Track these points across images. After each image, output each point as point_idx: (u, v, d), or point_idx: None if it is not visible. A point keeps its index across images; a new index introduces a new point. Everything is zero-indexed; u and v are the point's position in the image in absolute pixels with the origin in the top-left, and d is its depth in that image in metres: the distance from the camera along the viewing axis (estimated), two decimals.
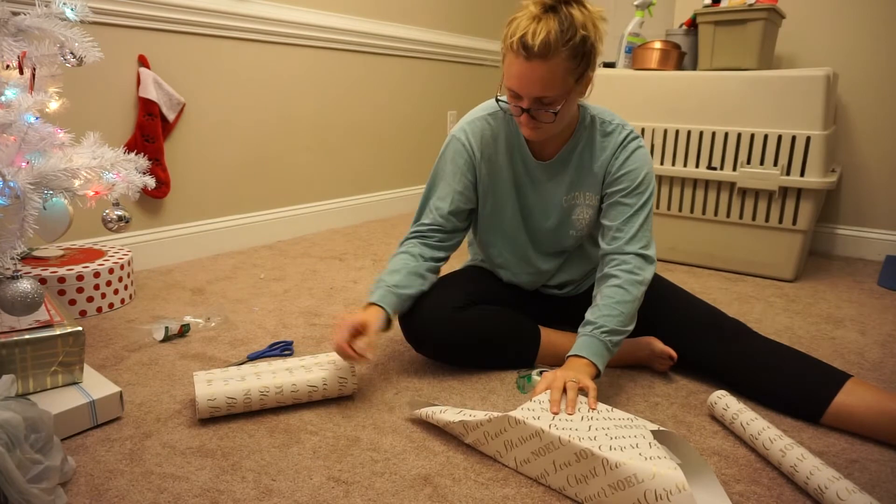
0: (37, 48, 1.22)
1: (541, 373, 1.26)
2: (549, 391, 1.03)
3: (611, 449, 0.87)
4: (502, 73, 1.15)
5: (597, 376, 1.11)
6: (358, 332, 1.14)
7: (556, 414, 0.98)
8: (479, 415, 1.03)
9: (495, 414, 1.00)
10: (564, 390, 1.03)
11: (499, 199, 1.31)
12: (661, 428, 0.93)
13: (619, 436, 0.90)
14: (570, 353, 1.14)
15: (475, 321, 1.28)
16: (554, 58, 1.05)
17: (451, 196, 1.29)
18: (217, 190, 2.21)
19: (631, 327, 1.18)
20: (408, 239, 1.34)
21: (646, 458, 0.84)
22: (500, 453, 1.00)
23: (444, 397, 1.21)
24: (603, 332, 1.14)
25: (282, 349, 1.35)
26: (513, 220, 1.32)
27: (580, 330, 1.17)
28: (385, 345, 1.45)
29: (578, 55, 1.07)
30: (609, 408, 1.00)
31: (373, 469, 0.98)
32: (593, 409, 1.00)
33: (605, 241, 1.24)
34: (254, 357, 1.11)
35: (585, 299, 1.42)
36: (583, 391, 1.05)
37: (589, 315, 1.18)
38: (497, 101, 1.20)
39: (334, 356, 1.25)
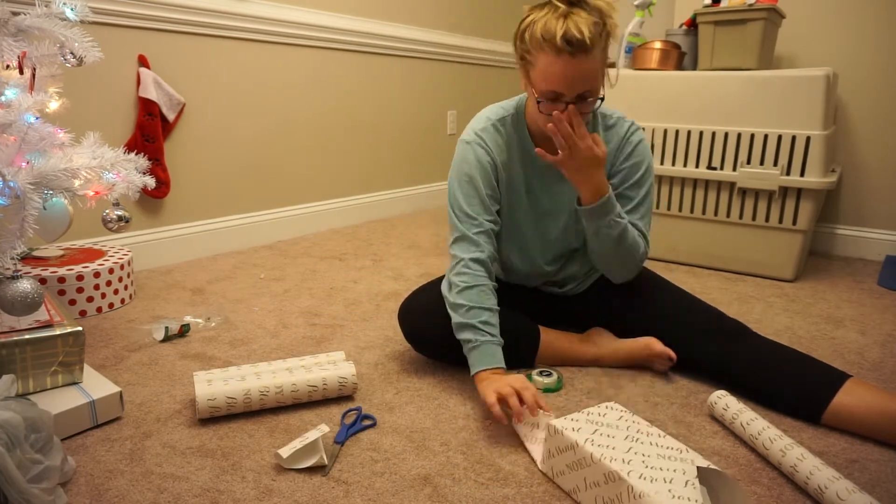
0: (37, 48, 1.22)
1: (541, 372, 1.26)
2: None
3: (640, 477, 0.82)
4: (528, 79, 1.14)
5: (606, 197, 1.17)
6: (522, 398, 1.07)
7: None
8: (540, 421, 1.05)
9: (547, 419, 1.00)
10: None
11: (513, 204, 1.31)
12: (712, 466, 0.86)
13: (657, 466, 0.85)
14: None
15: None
16: (594, 50, 1.07)
17: (487, 199, 1.24)
18: (217, 190, 2.21)
19: (624, 242, 1.22)
20: (464, 263, 1.21)
21: (673, 496, 0.79)
22: (544, 460, 0.98)
23: (443, 397, 1.21)
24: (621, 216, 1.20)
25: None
26: (525, 223, 1.32)
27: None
28: (385, 345, 1.45)
29: (607, 42, 1.11)
30: (661, 434, 0.94)
31: (373, 469, 0.98)
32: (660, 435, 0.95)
33: None
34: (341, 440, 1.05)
35: (586, 298, 1.43)
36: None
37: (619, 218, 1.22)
38: (539, 107, 1.13)
39: (334, 356, 1.25)
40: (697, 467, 0.86)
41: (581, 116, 1.12)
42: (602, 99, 1.14)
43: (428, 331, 1.29)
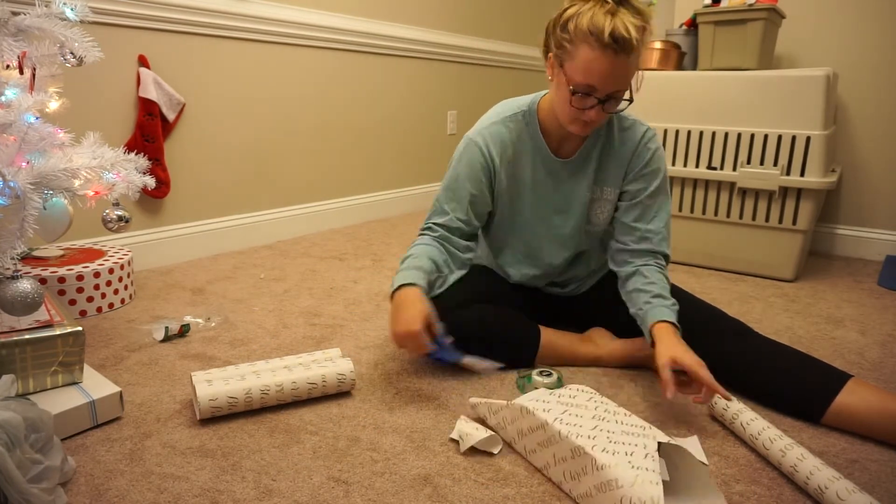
0: (37, 48, 1.22)
1: (541, 373, 1.26)
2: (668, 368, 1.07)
3: (602, 450, 0.87)
4: (561, 69, 1.13)
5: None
6: (427, 324, 1.14)
7: (674, 394, 1.04)
8: (501, 402, 1.06)
9: (514, 402, 1.02)
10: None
11: (519, 203, 1.31)
12: (673, 441, 0.89)
13: (620, 441, 0.90)
14: (659, 319, 1.16)
15: (475, 319, 1.28)
16: (636, 50, 1.08)
17: (467, 199, 1.27)
18: (217, 190, 2.21)
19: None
20: (421, 234, 1.33)
21: (633, 466, 0.83)
22: (515, 440, 1.03)
23: (443, 397, 1.21)
24: (671, 304, 1.20)
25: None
26: (532, 221, 1.33)
27: (655, 301, 1.20)
28: (385, 345, 1.45)
29: (643, 47, 1.11)
30: (627, 413, 0.98)
31: (373, 469, 0.98)
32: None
33: (633, 241, 1.27)
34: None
35: (587, 299, 1.43)
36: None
37: (655, 289, 1.21)
38: (570, 99, 1.13)
39: (331, 353, 1.25)
40: (659, 442, 0.90)
41: (606, 114, 1.14)
42: (630, 101, 1.14)
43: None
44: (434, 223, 1.31)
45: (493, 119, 1.28)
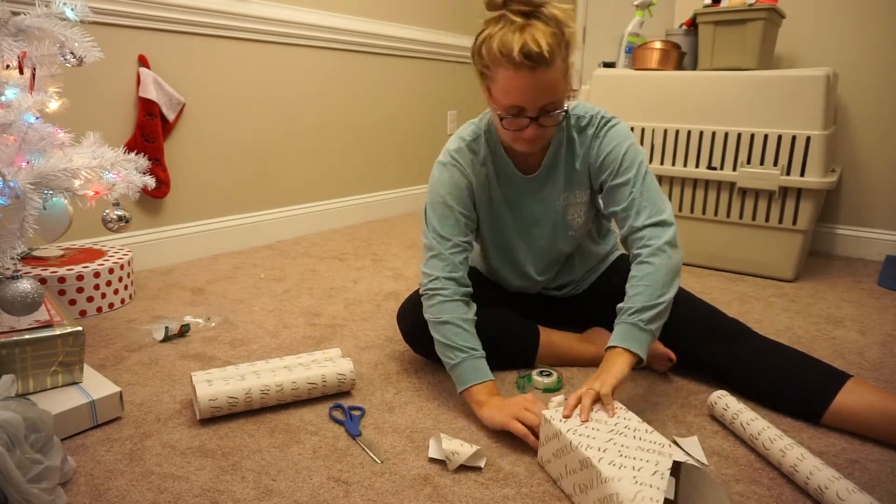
0: (37, 48, 1.22)
1: (541, 373, 1.26)
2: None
3: (609, 463, 0.85)
4: (489, 95, 1.10)
5: (639, 362, 1.08)
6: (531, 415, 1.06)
7: (567, 417, 0.97)
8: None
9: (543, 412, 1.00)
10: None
11: (496, 219, 1.29)
12: (693, 462, 0.86)
13: (631, 456, 0.87)
14: (607, 345, 1.10)
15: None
16: (555, 62, 1.03)
17: (463, 220, 1.22)
18: (217, 190, 2.21)
19: (665, 297, 1.11)
20: (439, 283, 1.20)
21: (637, 482, 0.81)
22: (538, 447, 1.01)
23: (443, 397, 1.21)
24: (632, 314, 1.09)
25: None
26: (513, 239, 1.31)
27: (621, 318, 1.12)
28: (385, 345, 1.45)
29: (567, 52, 1.06)
30: (650, 430, 0.94)
31: (373, 469, 0.98)
32: (610, 416, 0.98)
33: (621, 228, 1.21)
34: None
35: (586, 299, 1.43)
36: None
37: (624, 301, 1.13)
38: (501, 122, 1.10)
39: (331, 353, 1.25)
40: (682, 463, 0.87)
41: (545, 129, 1.10)
42: (567, 112, 1.12)
43: (426, 332, 1.28)
44: (435, 262, 1.20)
45: (458, 143, 1.24)
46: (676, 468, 0.91)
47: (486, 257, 1.37)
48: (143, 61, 1.92)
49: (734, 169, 2.02)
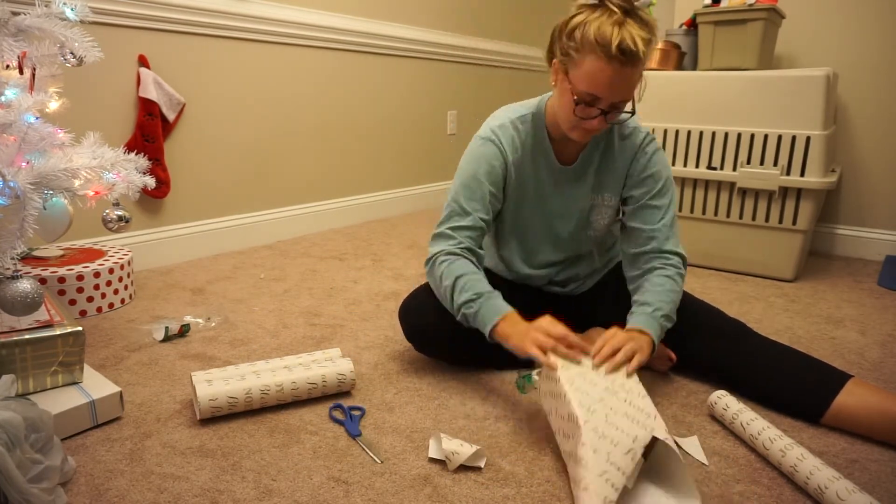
0: (37, 48, 1.22)
1: (540, 373, 1.26)
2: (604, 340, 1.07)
3: (593, 430, 0.89)
4: (566, 77, 1.12)
5: (650, 353, 1.12)
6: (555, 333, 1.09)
7: (598, 364, 1.03)
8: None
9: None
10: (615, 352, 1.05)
11: (522, 205, 1.31)
12: (670, 441, 0.90)
13: (615, 424, 0.91)
14: (630, 327, 1.14)
15: None
16: (642, 62, 1.07)
17: (487, 198, 1.24)
18: (217, 190, 2.21)
19: (674, 314, 1.19)
20: (443, 243, 1.24)
21: (608, 461, 0.86)
22: (542, 379, 1.09)
23: (443, 397, 1.21)
24: (661, 316, 1.16)
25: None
26: (533, 224, 1.32)
27: (635, 308, 1.19)
28: (385, 345, 1.45)
29: (648, 59, 1.11)
30: (643, 393, 0.99)
31: (373, 469, 0.98)
32: (630, 374, 1.02)
33: (640, 243, 1.25)
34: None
35: (587, 298, 1.43)
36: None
37: (643, 297, 1.19)
38: (575, 107, 1.12)
39: (331, 353, 1.25)
40: (656, 438, 0.90)
41: (607, 123, 1.14)
42: (633, 113, 1.16)
43: (428, 329, 1.29)
44: (456, 227, 1.23)
45: (502, 120, 1.26)
46: (653, 441, 0.94)
47: (501, 237, 1.37)
48: (143, 61, 1.91)
49: (734, 169, 2.02)
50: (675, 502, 0.89)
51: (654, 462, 0.95)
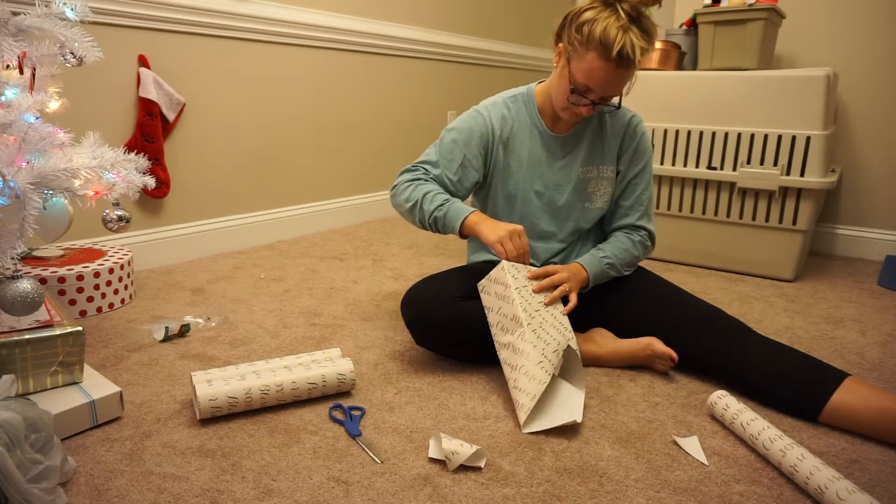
0: (37, 48, 1.22)
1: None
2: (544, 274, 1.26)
3: (532, 330, 1.15)
4: (567, 64, 1.23)
5: (585, 288, 1.34)
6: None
7: (537, 291, 1.23)
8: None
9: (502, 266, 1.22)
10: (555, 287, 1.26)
11: (515, 176, 1.38)
12: (576, 350, 1.19)
13: (547, 330, 1.17)
14: (574, 262, 1.35)
15: (474, 318, 1.27)
16: (635, 67, 1.19)
17: (460, 161, 1.35)
18: (217, 190, 2.21)
19: (621, 273, 1.40)
20: (413, 172, 1.37)
21: (543, 354, 1.13)
22: (485, 281, 1.25)
23: (443, 397, 1.21)
24: (607, 263, 1.36)
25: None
26: (528, 194, 1.39)
27: (589, 252, 1.38)
28: (385, 345, 1.45)
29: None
30: (563, 313, 1.25)
31: (373, 469, 0.98)
32: (564, 314, 1.24)
33: (616, 217, 1.43)
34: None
35: (587, 298, 1.43)
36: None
37: (599, 246, 1.39)
38: (569, 94, 1.24)
39: (331, 353, 1.25)
40: (569, 345, 1.18)
41: (594, 111, 1.27)
42: (618, 106, 1.30)
43: (430, 321, 1.28)
44: (424, 168, 1.36)
45: (494, 99, 1.39)
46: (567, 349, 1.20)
47: (498, 208, 1.43)
48: (143, 61, 1.92)
49: (734, 169, 2.02)
50: (570, 386, 1.19)
51: (564, 362, 1.22)
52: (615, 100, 1.29)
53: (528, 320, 1.15)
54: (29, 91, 1.21)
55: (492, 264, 1.45)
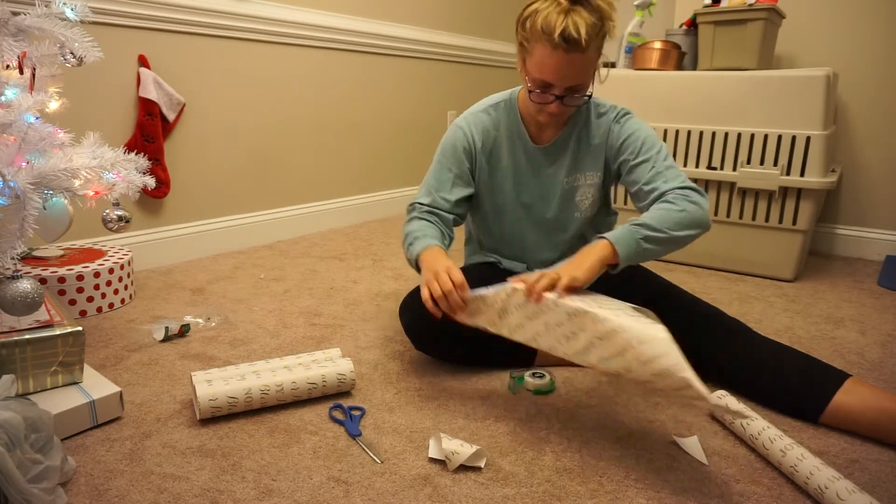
0: (37, 48, 1.22)
1: (533, 374, 1.26)
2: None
3: (599, 307, 0.98)
4: (524, 65, 1.19)
5: (613, 267, 1.13)
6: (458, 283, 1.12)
7: (527, 296, 1.05)
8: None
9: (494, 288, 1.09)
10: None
11: (499, 190, 1.35)
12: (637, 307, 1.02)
13: (605, 305, 1.00)
14: (599, 236, 1.14)
15: None
16: (589, 49, 1.11)
17: (451, 180, 1.33)
18: (217, 190, 2.21)
19: (673, 232, 1.13)
20: (410, 212, 1.38)
21: (629, 317, 0.96)
22: (494, 322, 1.10)
23: (443, 397, 1.21)
24: (634, 224, 1.13)
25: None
26: (514, 207, 1.35)
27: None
28: (385, 345, 1.45)
29: (602, 42, 1.15)
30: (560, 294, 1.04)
31: (373, 469, 0.98)
32: (561, 296, 1.03)
33: (644, 197, 1.23)
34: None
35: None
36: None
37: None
38: (530, 94, 1.19)
39: (331, 353, 1.25)
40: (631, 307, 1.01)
41: (567, 108, 1.20)
42: (590, 96, 1.20)
43: (428, 326, 1.28)
44: (420, 202, 1.35)
45: (474, 109, 1.35)
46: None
47: (491, 232, 1.41)
48: (143, 61, 1.92)
49: (734, 169, 2.02)
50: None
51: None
52: (589, 91, 1.19)
53: (585, 306, 0.99)
54: (29, 91, 1.21)
55: (489, 266, 1.44)
